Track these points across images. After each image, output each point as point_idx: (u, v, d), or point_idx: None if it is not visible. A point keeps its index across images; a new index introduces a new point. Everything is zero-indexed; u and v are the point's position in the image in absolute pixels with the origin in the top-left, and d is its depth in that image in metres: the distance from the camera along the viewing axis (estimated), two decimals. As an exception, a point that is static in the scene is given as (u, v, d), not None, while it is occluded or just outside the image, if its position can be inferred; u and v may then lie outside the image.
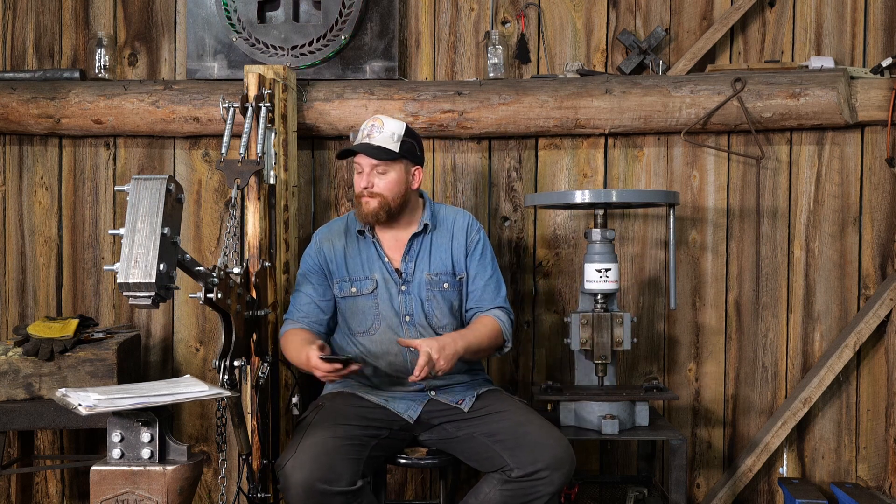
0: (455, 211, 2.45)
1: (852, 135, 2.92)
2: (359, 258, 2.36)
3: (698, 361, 2.97)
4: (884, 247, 2.92)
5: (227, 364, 2.02)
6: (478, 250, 2.39)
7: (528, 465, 2.02)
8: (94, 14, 3.01)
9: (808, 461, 2.96)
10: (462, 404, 2.24)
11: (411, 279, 2.33)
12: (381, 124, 2.29)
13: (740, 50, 2.97)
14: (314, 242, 2.42)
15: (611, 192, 2.51)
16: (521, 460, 2.04)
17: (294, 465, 1.95)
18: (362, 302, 2.32)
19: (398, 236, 2.37)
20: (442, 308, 2.33)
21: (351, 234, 2.40)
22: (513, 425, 2.13)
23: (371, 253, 2.36)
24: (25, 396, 2.53)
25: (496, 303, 2.38)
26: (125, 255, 1.70)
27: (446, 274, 2.35)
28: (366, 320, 2.32)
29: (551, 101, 2.80)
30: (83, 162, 3.01)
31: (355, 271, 2.35)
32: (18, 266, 3.02)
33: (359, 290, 2.33)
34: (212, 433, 3.00)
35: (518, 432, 2.10)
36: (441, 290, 2.34)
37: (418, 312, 2.31)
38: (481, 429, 2.16)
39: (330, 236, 2.41)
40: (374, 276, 2.33)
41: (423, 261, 2.35)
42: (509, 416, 2.17)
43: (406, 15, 2.98)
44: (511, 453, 2.06)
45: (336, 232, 2.41)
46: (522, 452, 2.05)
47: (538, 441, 2.06)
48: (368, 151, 2.27)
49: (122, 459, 1.83)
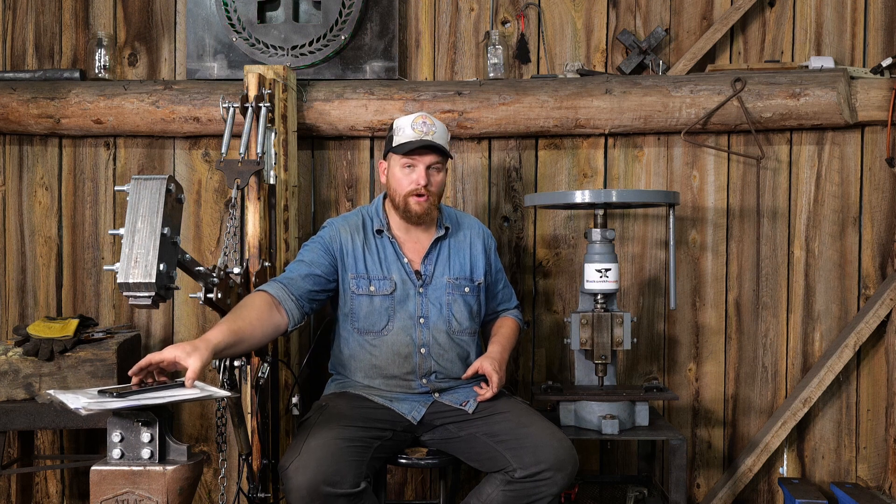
0: (465, 215, 2.51)
1: (852, 135, 2.92)
2: (377, 257, 2.33)
3: (698, 361, 2.97)
4: (884, 247, 2.92)
5: (227, 364, 2.02)
6: (495, 255, 2.51)
7: (532, 466, 2.02)
8: (94, 14, 3.01)
9: (808, 461, 2.96)
10: (466, 406, 2.24)
11: (430, 282, 2.33)
12: (433, 122, 2.32)
13: (740, 50, 2.97)
14: (330, 228, 2.36)
15: (611, 192, 2.51)
16: (525, 461, 2.04)
17: (298, 467, 1.94)
18: (379, 302, 2.29)
19: (419, 238, 2.37)
20: (462, 312, 2.35)
21: (367, 232, 2.36)
22: (515, 426, 2.13)
23: (389, 253, 2.33)
24: (25, 396, 2.53)
25: (514, 303, 2.58)
26: (125, 255, 1.69)
27: (466, 279, 2.38)
28: (380, 320, 2.29)
29: (551, 101, 2.80)
30: (83, 162, 3.01)
31: (374, 270, 2.31)
32: (18, 266, 3.02)
33: (377, 289, 2.30)
34: (212, 433, 3.00)
35: (521, 433, 2.10)
36: (462, 294, 2.36)
37: (434, 315, 2.31)
38: (484, 429, 2.16)
39: (347, 228, 2.35)
40: (392, 276, 2.31)
41: (443, 264, 2.36)
42: (512, 416, 2.17)
43: (406, 15, 2.98)
44: (514, 454, 2.06)
45: (353, 226, 2.36)
46: (525, 453, 2.05)
47: (541, 442, 2.06)
48: (437, 148, 2.29)
49: (122, 459, 1.83)
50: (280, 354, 2.51)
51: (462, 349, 2.34)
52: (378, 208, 2.40)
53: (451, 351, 2.31)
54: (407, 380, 2.28)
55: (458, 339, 2.33)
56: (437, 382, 2.29)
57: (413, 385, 2.28)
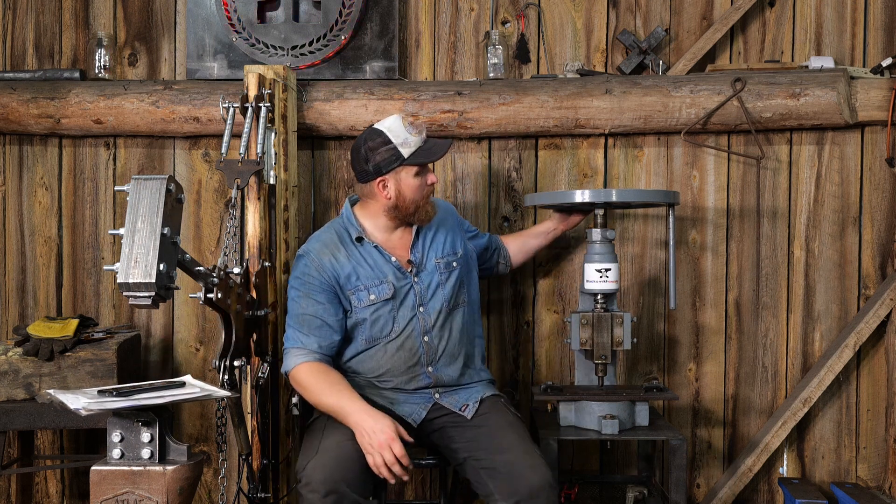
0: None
1: (852, 135, 2.91)
2: (366, 265, 2.29)
3: (698, 361, 2.97)
4: (884, 247, 2.92)
5: (227, 364, 2.02)
6: (461, 219, 2.57)
7: (508, 497, 2.02)
8: (94, 14, 3.01)
9: (808, 461, 2.96)
10: (465, 411, 2.26)
11: (423, 268, 2.34)
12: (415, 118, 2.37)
13: (740, 50, 2.97)
14: (308, 259, 2.28)
15: (611, 192, 2.51)
16: (502, 491, 2.04)
17: (316, 466, 1.95)
18: (381, 307, 2.28)
19: (402, 234, 2.37)
20: (454, 286, 2.37)
21: (347, 244, 2.32)
22: (495, 451, 2.12)
23: (376, 257, 2.31)
24: (25, 396, 2.53)
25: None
26: (125, 255, 1.70)
27: (451, 254, 2.41)
28: (387, 325, 2.28)
29: (551, 101, 2.80)
30: (83, 162, 3.01)
31: (368, 279, 2.28)
32: (18, 266, 3.02)
33: (378, 296, 2.27)
34: (212, 433, 3.00)
35: (499, 461, 2.09)
36: (451, 270, 2.38)
37: (431, 299, 2.33)
38: (472, 452, 2.16)
39: (326, 249, 2.29)
40: (388, 279, 2.29)
41: (429, 249, 2.37)
42: (496, 438, 2.16)
43: (406, 15, 2.98)
44: (494, 483, 2.07)
45: (331, 244, 2.31)
46: (503, 482, 2.05)
47: (515, 471, 2.05)
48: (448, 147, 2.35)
49: (122, 459, 1.83)
50: (280, 354, 2.51)
51: (459, 321, 2.37)
52: (350, 218, 2.35)
53: (449, 327, 2.35)
54: (413, 373, 2.29)
55: (455, 313, 2.36)
56: (442, 368, 2.32)
57: (419, 378, 2.30)
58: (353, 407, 2.06)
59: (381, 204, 2.31)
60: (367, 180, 2.29)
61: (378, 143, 2.26)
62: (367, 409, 2.05)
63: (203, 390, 1.95)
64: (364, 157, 2.26)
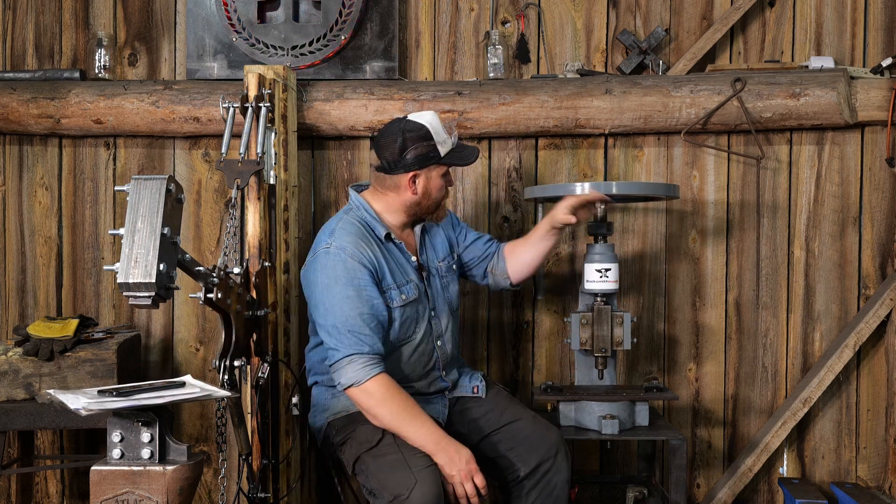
0: None
1: (852, 135, 2.91)
2: (393, 263, 2.22)
3: (698, 361, 2.97)
4: (884, 247, 2.92)
5: (227, 364, 2.02)
6: (456, 219, 2.53)
7: (530, 459, 2.14)
8: (94, 14, 3.01)
9: (808, 461, 2.96)
10: (477, 392, 2.36)
11: (431, 271, 2.35)
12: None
13: (740, 50, 2.97)
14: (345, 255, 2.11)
15: (611, 185, 2.51)
16: (522, 457, 2.15)
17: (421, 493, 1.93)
18: (409, 309, 2.22)
19: (410, 233, 2.36)
20: (456, 289, 2.41)
21: (373, 240, 2.20)
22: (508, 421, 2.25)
23: (398, 256, 2.25)
24: (25, 396, 2.53)
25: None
26: (125, 255, 1.69)
27: (449, 255, 2.42)
28: (410, 327, 2.24)
29: (551, 101, 2.80)
30: (83, 162, 3.01)
31: (398, 277, 2.21)
32: (18, 266, 3.02)
33: (407, 296, 2.21)
34: (212, 433, 3.00)
35: (515, 428, 2.22)
36: (451, 272, 2.40)
37: (440, 302, 2.34)
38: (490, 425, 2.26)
39: (360, 243, 2.15)
40: (412, 278, 2.25)
41: (431, 250, 2.38)
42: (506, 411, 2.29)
43: (406, 15, 2.98)
44: (515, 453, 2.17)
45: (363, 238, 2.17)
46: (522, 448, 2.16)
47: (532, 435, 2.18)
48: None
49: (122, 459, 1.83)
50: (280, 354, 2.51)
51: (456, 324, 2.43)
52: (368, 210, 2.25)
53: (453, 330, 2.39)
54: (431, 377, 2.31)
55: (454, 316, 2.41)
56: (450, 371, 2.37)
57: (436, 382, 2.32)
58: (435, 433, 2.04)
59: (403, 199, 2.22)
60: (397, 172, 2.18)
61: (419, 136, 2.16)
62: (446, 435, 2.06)
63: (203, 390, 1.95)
64: (402, 146, 2.15)
